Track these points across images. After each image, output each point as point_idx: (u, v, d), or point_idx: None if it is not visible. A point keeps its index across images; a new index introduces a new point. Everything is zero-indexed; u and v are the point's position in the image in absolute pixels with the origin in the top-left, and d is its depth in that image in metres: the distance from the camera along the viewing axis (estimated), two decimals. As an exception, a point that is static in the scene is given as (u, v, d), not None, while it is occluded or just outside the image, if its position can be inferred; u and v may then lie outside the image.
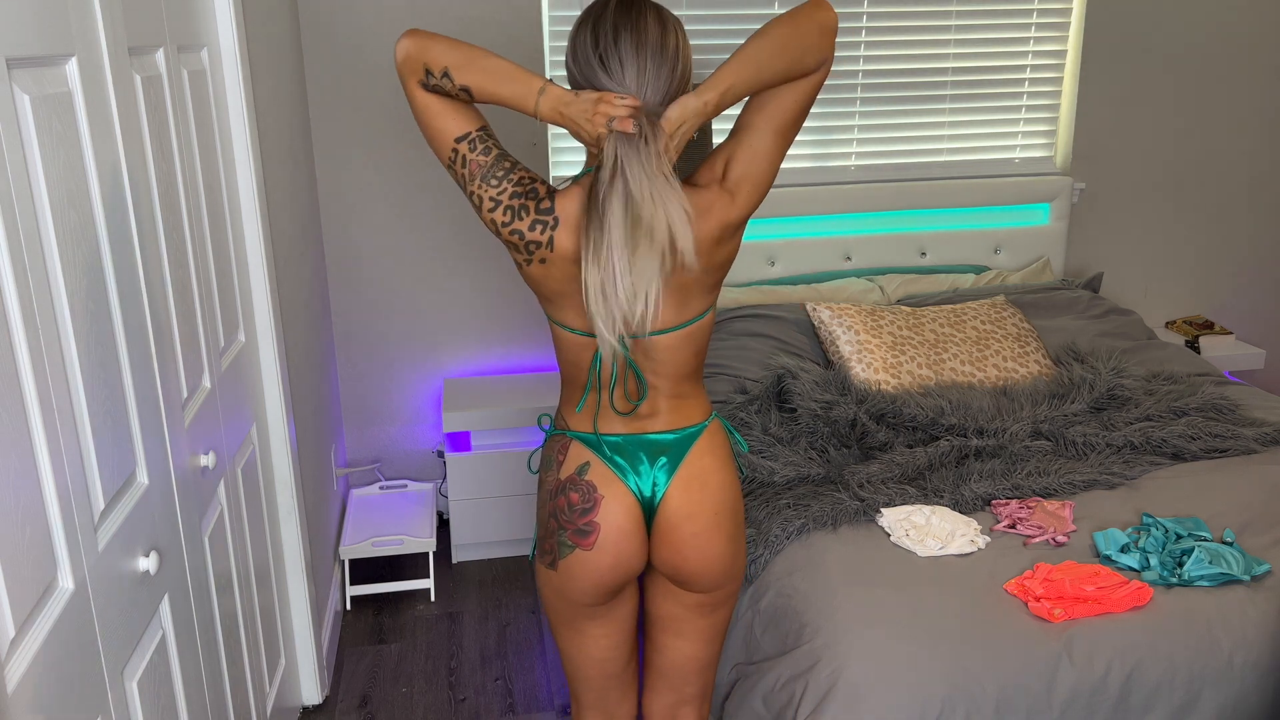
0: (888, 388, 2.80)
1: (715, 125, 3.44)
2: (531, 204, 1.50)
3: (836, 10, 3.32)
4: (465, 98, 1.48)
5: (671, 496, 1.62)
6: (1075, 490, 2.39)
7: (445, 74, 1.45)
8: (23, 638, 1.11)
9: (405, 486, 3.39)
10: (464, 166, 1.51)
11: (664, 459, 1.62)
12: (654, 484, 1.62)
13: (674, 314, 1.56)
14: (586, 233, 1.44)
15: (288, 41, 2.86)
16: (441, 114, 1.50)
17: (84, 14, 1.39)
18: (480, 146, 1.50)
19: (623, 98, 1.44)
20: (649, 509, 1.63)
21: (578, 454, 1.63)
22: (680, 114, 1.46)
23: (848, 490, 2.35)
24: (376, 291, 3.37)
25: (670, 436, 1.62)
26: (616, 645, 1.78)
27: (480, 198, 1.51)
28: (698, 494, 1.63)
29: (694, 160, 3.07)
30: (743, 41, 1.48)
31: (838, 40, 3.41)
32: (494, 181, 1.50)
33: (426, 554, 3.22)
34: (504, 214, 1.50)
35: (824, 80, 1.54)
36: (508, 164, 1.51)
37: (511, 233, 1.51)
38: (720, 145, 1.58)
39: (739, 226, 1.56)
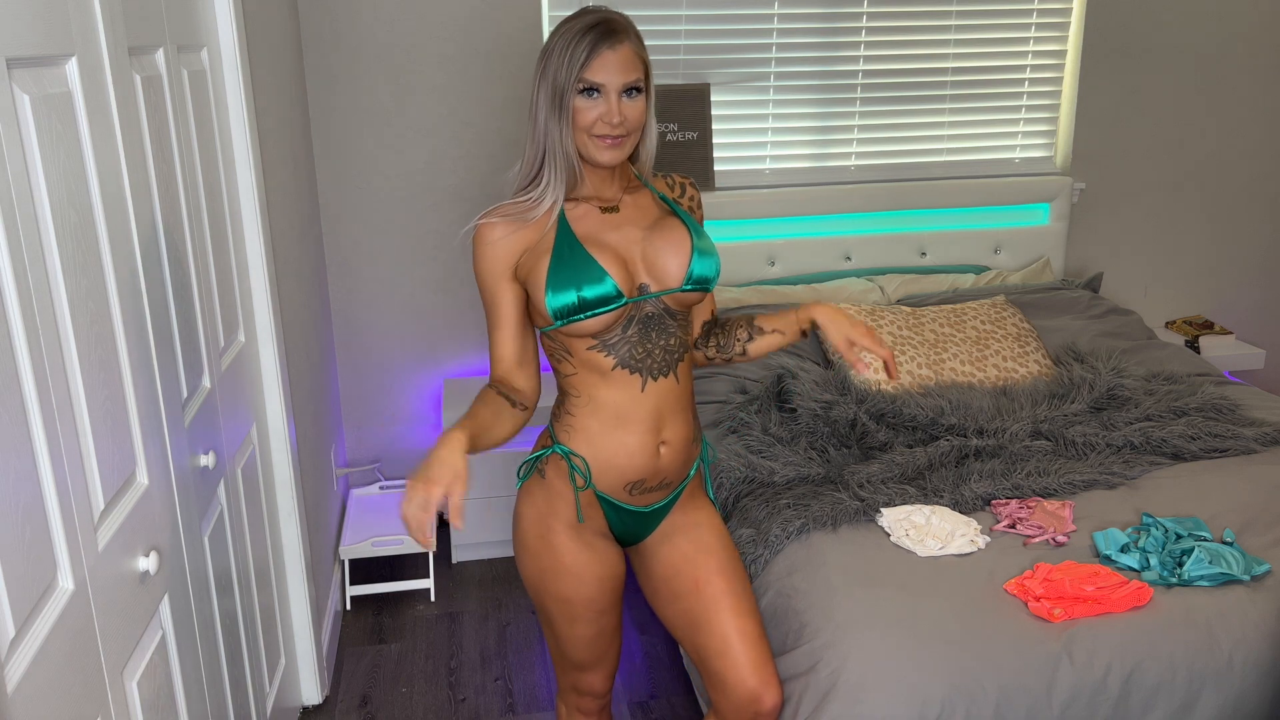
0: (887, 388, 2.80)
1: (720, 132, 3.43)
2: None
3: (836, 10, 3.36)
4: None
5: None
6: (1075, 490, 2.39)
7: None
8: (23, 638, 1.11)
9: (405, 486, 3.38)
10: None
11: None
12: None
13: None
14: None
15: (288, 41, 2.86)
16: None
17: (84, 14, 1.39)
18: None
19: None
20: None
21: None
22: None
23: (848, 490, 2.35)
24: (376, 291, 3.37)
25: None
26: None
27: None
28: None
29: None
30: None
31: (839, 40, 3.43)
32: None
33: (426, 554, 3.22)
34: None
35: None
36: None
37: None
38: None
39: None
